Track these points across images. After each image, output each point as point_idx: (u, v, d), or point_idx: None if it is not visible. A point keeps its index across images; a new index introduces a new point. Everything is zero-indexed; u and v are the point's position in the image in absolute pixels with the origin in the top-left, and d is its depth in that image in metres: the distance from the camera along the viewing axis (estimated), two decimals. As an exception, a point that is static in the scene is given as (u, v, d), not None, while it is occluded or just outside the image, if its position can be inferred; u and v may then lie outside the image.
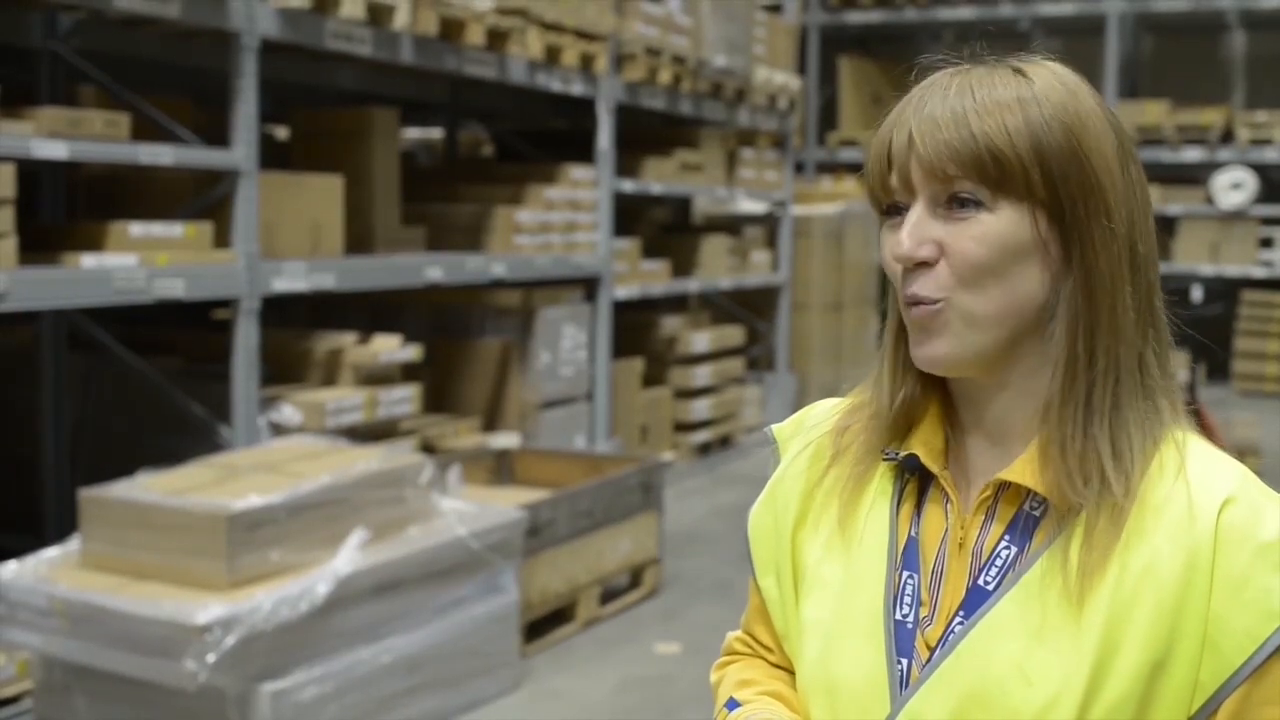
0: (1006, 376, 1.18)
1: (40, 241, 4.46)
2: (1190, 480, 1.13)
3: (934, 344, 1.15)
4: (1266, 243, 11.72)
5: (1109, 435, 1.13)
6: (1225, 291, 11.91)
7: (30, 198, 4.90)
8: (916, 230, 1.14)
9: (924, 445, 1.21)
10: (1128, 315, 1.15)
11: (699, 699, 4.52)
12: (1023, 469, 1.16)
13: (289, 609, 3.64)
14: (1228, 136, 11.80)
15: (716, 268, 8.82)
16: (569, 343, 7.07)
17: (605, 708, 4.47)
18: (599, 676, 4.73)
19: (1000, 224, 1.13)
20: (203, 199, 5.04)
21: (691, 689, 4.62)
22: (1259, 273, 11.69)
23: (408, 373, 5.93)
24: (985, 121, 1.12)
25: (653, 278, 8.01)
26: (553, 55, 6.58)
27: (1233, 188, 11.57)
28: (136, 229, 4.61)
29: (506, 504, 4.80)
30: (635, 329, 8.09)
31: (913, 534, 1.22)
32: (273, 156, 5.79)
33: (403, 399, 5.64)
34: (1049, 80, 1.16)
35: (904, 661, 1.18)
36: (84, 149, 4.40)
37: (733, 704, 1.33)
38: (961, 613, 1.16)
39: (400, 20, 5.44)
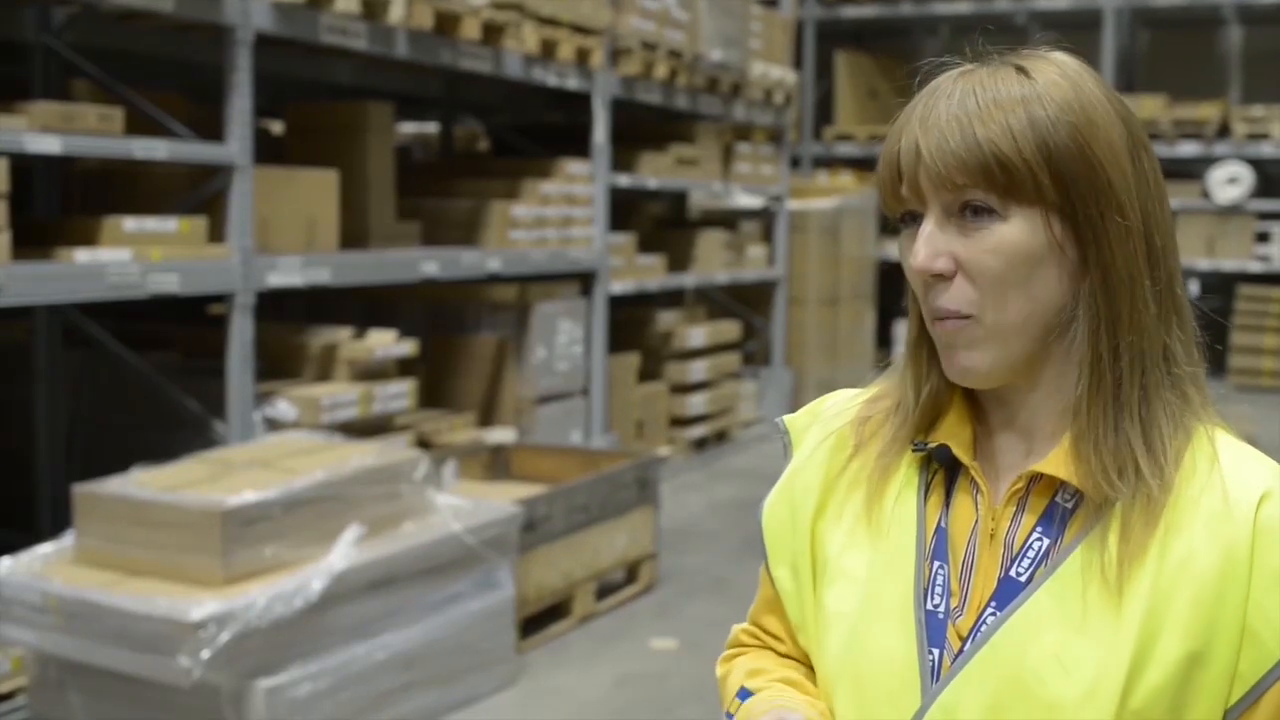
0: (1036, 379, 1.18)
1: (34, 236, 4.44)
2: (1225, 476, 1.14)
3: (963, 358, 1.16)
4: (1263, 237, 11.71)
5: (1140, 429, 1.14)
6: (1221, 286, 11.91)
7: (24, 192, 4.88)
8: (931, 242, 1.14)
9: (953, 437, 1.22)
10: (1148, 309, 1.15)
11: (695, 695, 4.52)
12: (1056, 461, 1.16)
13: (284, 605, 3.63)
14: (1224, 131, 11.79)
15: (712, 262, 8.81)
16: (565, 338, 7.06)
17: (601, 704, 4.47)
18: (595, 673, 4.73)
19: (1014, 232, 1.12)
20: (197, 194, 5.02)
21: (688, 685, 4.62)
22: (1255, 267, 11.68)
23: (403, 368, 5.92)
24: (989, 127, 1.12)
25: (648, 273, 8.00)
26: (548, 49, 6.56)
27: (1229, 182, 11.56)
28: (130, 224, 4.59)
29: (502, 499, 4.79)
30: (631, 324, 8.08)
31: (942, 525, 1.22)
32: (267, 151, 5.77)
33: (398, 394, 5.63)
34: (1053, 77, 1.15)
35: (935, 652, 1.18)
36: (78, 143, 4.38)
37: (744, 693, 1.31)
38: (993, 603, 1.16)
39: (395, 14, 5.42)
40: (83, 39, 5.24)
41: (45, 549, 3.95)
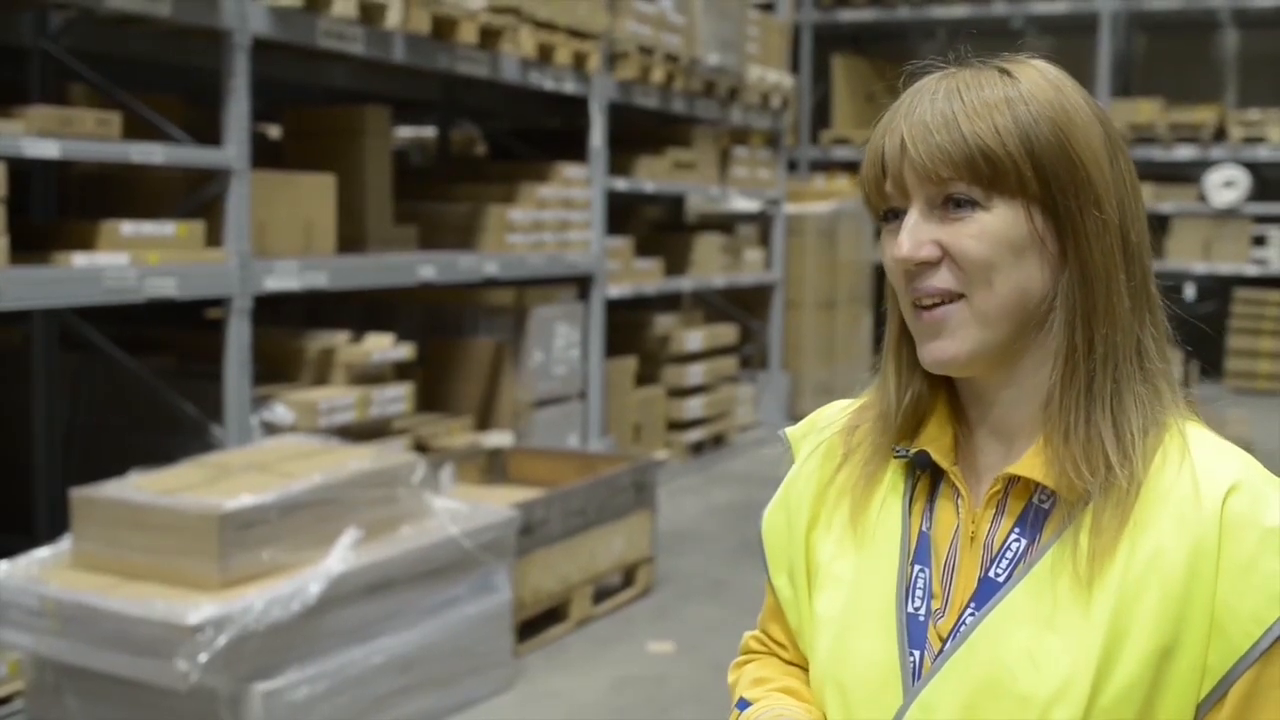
0: (1012, 373, 1.20)
1: (31, 241, 4.44)
2: (1194, 468, 1.15)
3: (943, 345, 1.17)
4: (1259, 241, 11.73)
5: (1111, 421, 1.15)
6: (1218, 290, 11.92)
7: (21, 197, 4.89)
8: (915, 232, 1.17)
9: (933, 442, 1.23)
10: (1123, 303, 1.17)
11: (693, 698, 4.52)
12: (1031, 463, 1.17)
13: (281, 609, 3.63)
14: (1220, 135, 11.81)
15: (709, 266, 8.82)
16: (562, 341, 7.07)
17: (599, 707, 4.47)
18: (592, 676, 4.73)
19: (997, 221, 1.15)
20: (194, 198, 5.02)
21: (685, 687, 4.62)
22: (1252, 271, 11.70)
23: (400, 372, 5.92)
24: (975, 123, 1.15)
25: (646, 276, 8.01)
26: (545, 53, 6.57)
27: (1225, 186, 11.58)
28: (128, 228, 4.60)
29: (499, 503, 4.79)
30: (628, 328, 8.08)
31: (924, 529, 1.24)
32: (265, 155, 5.78)
33: (395, 398, 5.63)
34: (1035, 78, 1.18)
35: (916, 653, 1.20)
36: (75, 148, 4.38)
37: (743, 704, 1.35)
38: (973, 604, 1.18)
39: (392, 19, 5.43)
40: (80, 43, 5.25)
41: (42, 553, 3.95)
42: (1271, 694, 1.11)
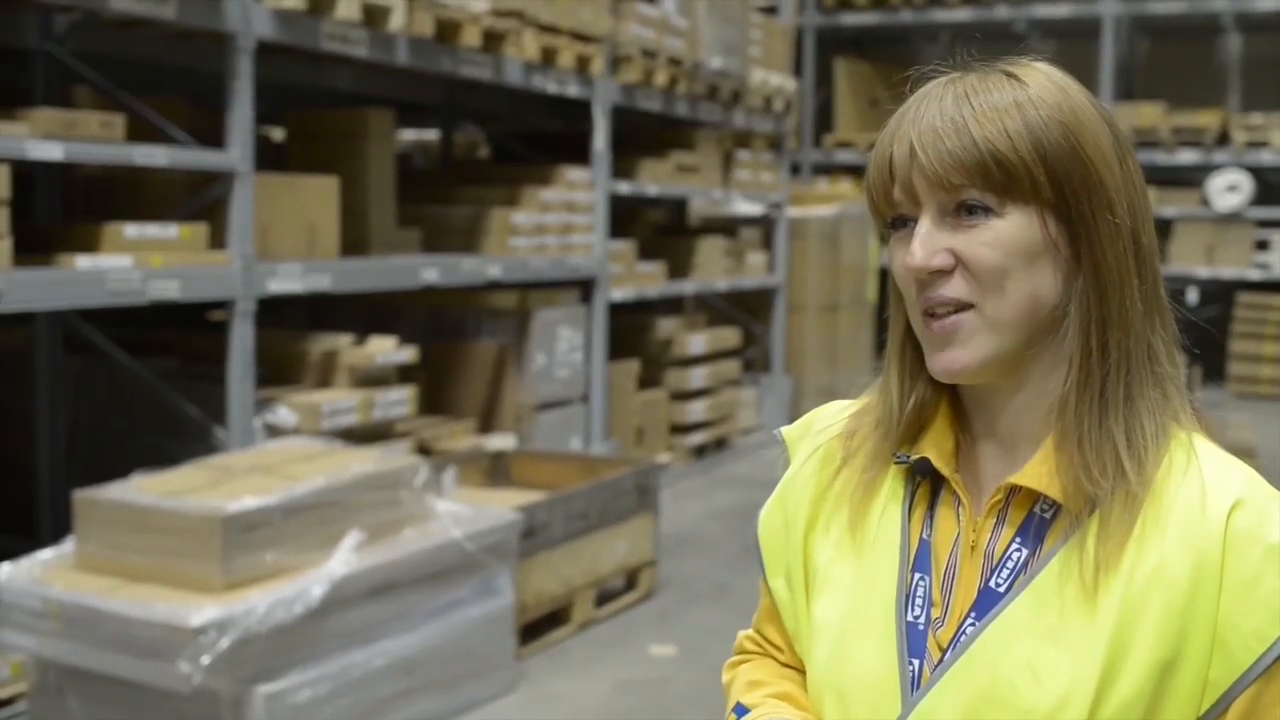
0: (1021, 379, 1.19)
1: (35, 243, 4.45)
2: (1200, 483, 1.14)
3: (955, 353, 1.16)
4: (1262, 245, 11.72)
5: (1123, 426, 1.15)
6: (1221, 294, 11.92)
7: (25, 199, 4.89)
8: (928, 241, 1.15)
9: (935, 448, 1.22)
10: (1136, 306, 1.16)
11: (695, 701, 4.52)
12: (1034, 473, 1.17)
13: (284, 611, 3.63)
14: (1223, 139, 11.81)
15: (712, 269, 8.82)
16: (565, 345, 7.07)
17: (601, 710, 4.47)
18: (594, 679, 4.73)
19: (1010, 228, 1.14)
20: (198, 200, 5.03)
21: (687, 691, 4.62)
22: (1254, 275, 11.69)
23: (403, 374, 5.93)
24: (986, 128, 1.13)
25: (648, 280, 8.01)
26: (548, 57, 6.58)
27: (1228, 190, 11.57)
28: (131, 230, 4.60)
29: (502, 506, 4.79)
30: (631, 331, 8.09)
31: (925, 537, 1.23)
32: (268, 158, 5.79)
33: (398, 401, 5.64)
34: (1041, 81, 1.17)
35: (915, 662, 1.19)
36: (79, 150, 4.39)
37: (740, 709, 1.33)
38: (973, 614, 1.17)
39: (396, 22, 5.44)
40: (84, 46, 5.25)
41: (45, 555, 3.95)
42: (1273, 711, 1.11)
